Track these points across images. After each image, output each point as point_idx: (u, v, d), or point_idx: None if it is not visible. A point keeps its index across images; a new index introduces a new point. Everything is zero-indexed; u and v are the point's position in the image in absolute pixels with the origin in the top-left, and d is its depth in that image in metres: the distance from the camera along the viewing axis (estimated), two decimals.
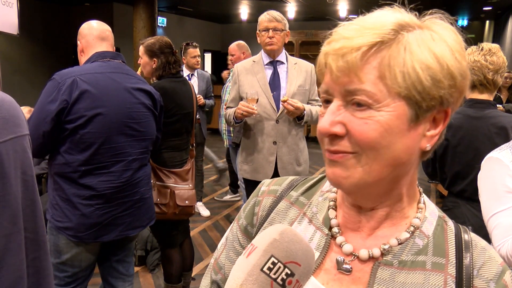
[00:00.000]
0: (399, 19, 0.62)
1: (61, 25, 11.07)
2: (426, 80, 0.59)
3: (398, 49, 0.59)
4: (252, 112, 2.63)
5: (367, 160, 0.61)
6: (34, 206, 0.97)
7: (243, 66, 2.87)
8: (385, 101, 0.59)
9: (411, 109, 0.60)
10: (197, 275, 3.56)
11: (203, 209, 5.11)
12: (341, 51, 0.60)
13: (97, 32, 2.16)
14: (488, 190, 1.46)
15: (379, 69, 0.59)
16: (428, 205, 0.72)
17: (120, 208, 2.09)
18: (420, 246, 0.67)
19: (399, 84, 0.59)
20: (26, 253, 0.93)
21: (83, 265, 2.11)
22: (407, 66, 0.58)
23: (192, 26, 14.63)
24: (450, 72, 0.60)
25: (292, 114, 2.67)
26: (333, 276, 0.69)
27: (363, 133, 0.60)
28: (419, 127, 0.62)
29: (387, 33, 0.59)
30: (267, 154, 2.79)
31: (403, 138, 0.61)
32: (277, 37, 2.74)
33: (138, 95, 2.14)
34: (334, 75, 0.61)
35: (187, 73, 4.71)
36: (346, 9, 11.74)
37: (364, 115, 0.60)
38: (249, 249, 0.56)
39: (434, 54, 0.59)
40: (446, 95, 0.61)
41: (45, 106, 1.91)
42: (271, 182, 0.82)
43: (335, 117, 0.61)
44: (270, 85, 2.79)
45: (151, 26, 8.55)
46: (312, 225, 0.73)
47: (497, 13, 13.63)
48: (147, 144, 2.21)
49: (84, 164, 1.98)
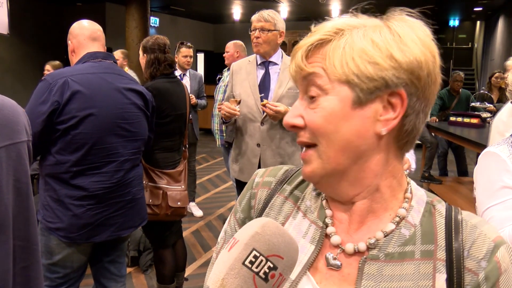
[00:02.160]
0: (348, 22, 0.68)
1: (52, 25, 11.00)
2: (362, 63, 0.63)
3: (338, 44, 0.65)
4: (233, 113, 2.60)
5: (323, 149, 0.66)
6: (28, 214, 0.95)
7: (239, 65, 2.84)
8: (328, 88, 0.65)
9: (353, 92, 0.64)
10: (190, 275, 3.55)
11: (196, 209, 5.10)
12: (293, 54, 0.69)
13: (89, 32, 2.15)
14: (484, 184, 1.47)
15: (321, 62, 0.66)
16: (415, 193, 0.72)
17: (112, 209, 2.08)
18: (407, 236, 0.67)
19: (338, 71, 0.64)
20: (16, 261, 0.91)
21: (74, 266, 2.10)
22: (344, 54, 0.64)
23: (185, 26, 14.60)
24: (390, 54, 0.63)
25: (274, 118, 2.57)
26: (324, 275, 0.70)
27: (312, 121, 0.66)
28: (366, 109, 0.65)
29: (327, 31, 0.66)
30: (251, 156, 2.74)
31: (350, 121, 0.65)
32: (263, 37, 2.65)
33: (129, 96, 2.14)
34: (293, 77, 0.71)
35: (179, 73, 4.70)
36: (339, 9, 11.79)
37: (315, 105, 0.66)
38: (231, 243, 0.57)
39: (373, 41, 0.64)
40: (390, 76, 0.63)
41: (36, 107, 1.90)
42: (265, 173, 0.83)
43: (297, 111, 0.69)
44: (260, 86, 2.72)
45: (144, 26, 8.52)
46: (306, 219, 0.74)
47: (487, 13, 13.75)
48: (139, 144, 2.20)
49: (75, 164, 1.97)
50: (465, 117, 5.51)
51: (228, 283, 0.54)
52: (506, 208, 1.39)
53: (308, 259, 0.70)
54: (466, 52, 17.63)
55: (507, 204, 1.39)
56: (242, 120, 2.74)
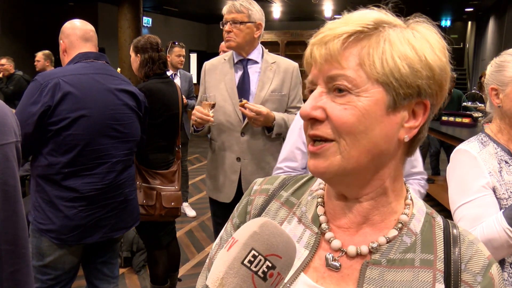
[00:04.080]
0: (382, 17, 0.66)
1: (44, 24, 10.92)
2: (403, 67, 0.62)
3: (378, 40, 0.63)
4: (206, 119, 2.19)
5: (345, 146, 0.63)
6: (16, 217, 0.92)
7: (212, 64, 2.42)
8: (364, 86, 0.62)
9: (388, 95, 0.63)
10: (183, 276, 3.55)
11: (189, 209, 5.09)
12: (325, 39, 0.64)
13: (81, 33, 2.13)
14: (455, 182, 1.45)
15: (359, 56, 0.62)
16: (415, 202, 0.73)
17: (104, 210, 2.07)
18: (408, 244, 0.68)
19: (377, 70, 0.62)
20: (3, 266, 0.89)
21: (66, 267, 2.09)
22: (385, 54, 0.62)
23: (178, 26, 14.56)
24: (428, 64, 0.63)
25: (255, 122, 2.17)
26: (322, 274, 0.69)
27: (341, 118, 0.62)
28: (397, 115, 0.64)
29: (366, 24, 0.63)
30: (230, 172, 2.32)
31: (381, 125, 0.63)
32: (235, 31, 2.24)
33: (122, 97, 2.12)
34: (318, 63, 0.65)
35: (170, 73, 4.70)
36: (331, 9, 11.83)
37: (344, 100, 0.62)
38: (230, 242, 0.57)
39: (413, 47, 0.63)
40: (424, 85, 0.63)
41: (27, 108, 1.88)
42: (263, 181, 0.84)
43: (317, 102, 0.64)
44: (239, 90, 2.30)
45: (136, 26, 8.50)
46: (301, 224, 0.74)
47: (478, 14, 13.86)
48: (131, 145, 2.19)
49: (67, 166, 1.96)
50: (457, 116, 5.55)
51: (227, 282, 0.54)
52: (477, 206, 1.37)
53: (301, 263, 0.70)
54: (458, 52, 17.77)
55: (478, 202, 1.37)
56: (217, 130, 2.35)
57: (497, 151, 1.43)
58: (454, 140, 4.90)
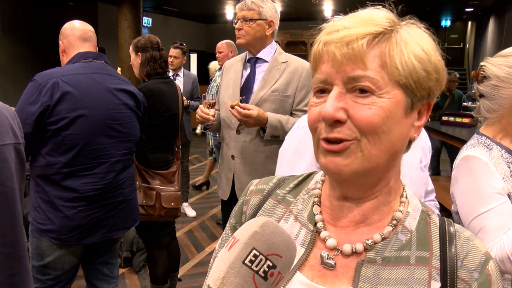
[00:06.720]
0: (392, 16, 0.67)
1: (44, 24, 10.91)
2: (420, 70, 0.64)
3: (396, 41, 0.64)
4: (207, 118, 2.24)
5: (367, 145, 0.63)
6: (14, 219, 0.91)
7: (230, 63, 2.48)
8: (386, 88, 0.63)
9: (407, 97, 0.64)
10: (183, 276, 3.54)
11: (189, 209, 5.09)
12: (346, 39, 0.63)
13: (80, 33, 2.13)
14: (469, 191, 1.35)
15: (380, 58, 0.63)
16: (411, 200, 0.73)
17: (103, 210, 2.07)
18: (403, 242, 0.68)
19: (399, 73, 0.63)
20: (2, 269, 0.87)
21: (66, 267, 2.09)
22: (404, 57, 0.63)
23: (178, 26, 14.55)
24: (435, 66, 0.65)
25: (246, 123, 2.15)
26: (317, 272, 0.70)
27: (367, 118, 0.62)
28: (412, 116, 0.67)
29: (386, 25, 0.64)
30: (227, 169, 2.35)
31: (400, 125, 0.65)
32: (246, 28, 2.24)
33: (121, 96, 2.12)
34: (337, 62, 0.63)
35: (172, 74, 4.69)
36: (331, 9, 11.82)
37: (367, 101, 0.62)
38: (231, 242, 0.57)
39: (423, 48, 0.65)
40: (433, 87, 0.66)
41: (25, 107, 1.88)
42: (259, 182, 0.84)
43: (338, 103, 0.63)
44: (243, 88, 2.32)
45: (136, 26, 8.48)
46: (297, 222, 0.75)
47: (478, 14, 13.86)
48: (130, 145, 2.19)
49: (66, 166, 1.95)
50: (457, 116, 5.54)
51: (228, 282, 0.54)
52: (498, 214, 1.27)
53: (297, 261, 0.70)
54: (458, 52, 17.77)
55: (498, 210, 1.28)
56: (222, 127, 2.39)
57: (502, 154, 1.37)
58: (454, 140, 4.90)
